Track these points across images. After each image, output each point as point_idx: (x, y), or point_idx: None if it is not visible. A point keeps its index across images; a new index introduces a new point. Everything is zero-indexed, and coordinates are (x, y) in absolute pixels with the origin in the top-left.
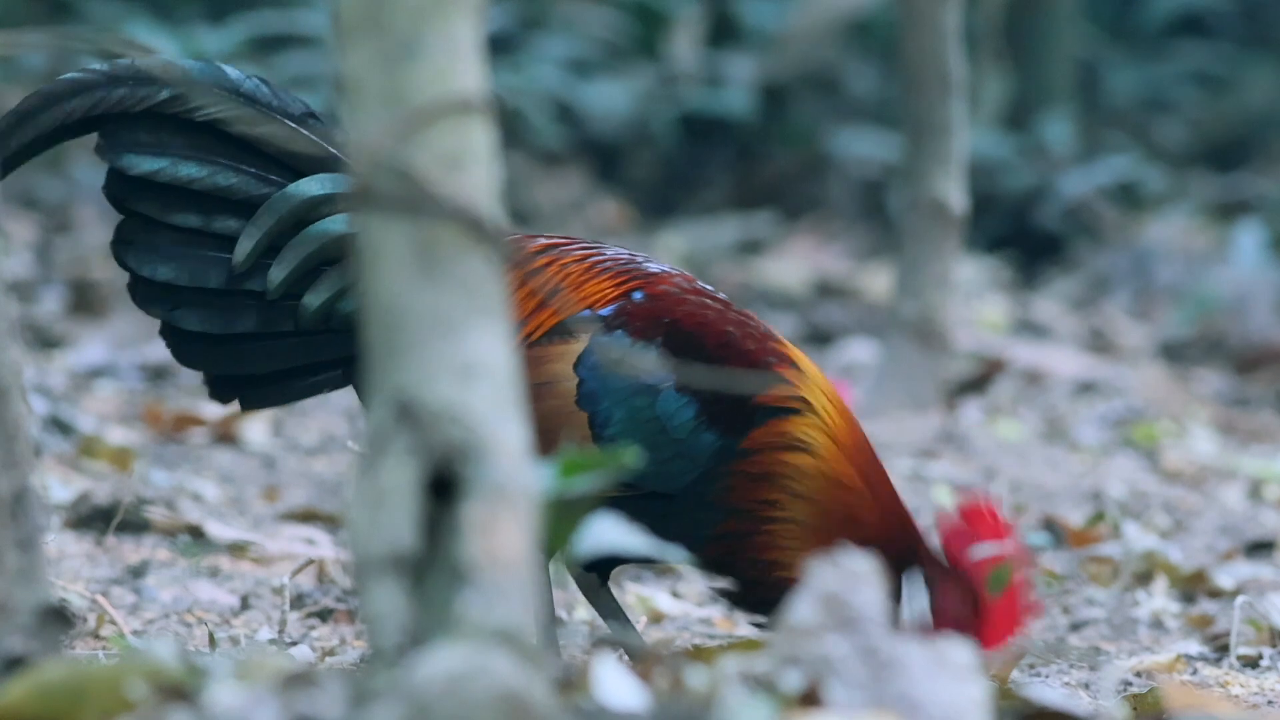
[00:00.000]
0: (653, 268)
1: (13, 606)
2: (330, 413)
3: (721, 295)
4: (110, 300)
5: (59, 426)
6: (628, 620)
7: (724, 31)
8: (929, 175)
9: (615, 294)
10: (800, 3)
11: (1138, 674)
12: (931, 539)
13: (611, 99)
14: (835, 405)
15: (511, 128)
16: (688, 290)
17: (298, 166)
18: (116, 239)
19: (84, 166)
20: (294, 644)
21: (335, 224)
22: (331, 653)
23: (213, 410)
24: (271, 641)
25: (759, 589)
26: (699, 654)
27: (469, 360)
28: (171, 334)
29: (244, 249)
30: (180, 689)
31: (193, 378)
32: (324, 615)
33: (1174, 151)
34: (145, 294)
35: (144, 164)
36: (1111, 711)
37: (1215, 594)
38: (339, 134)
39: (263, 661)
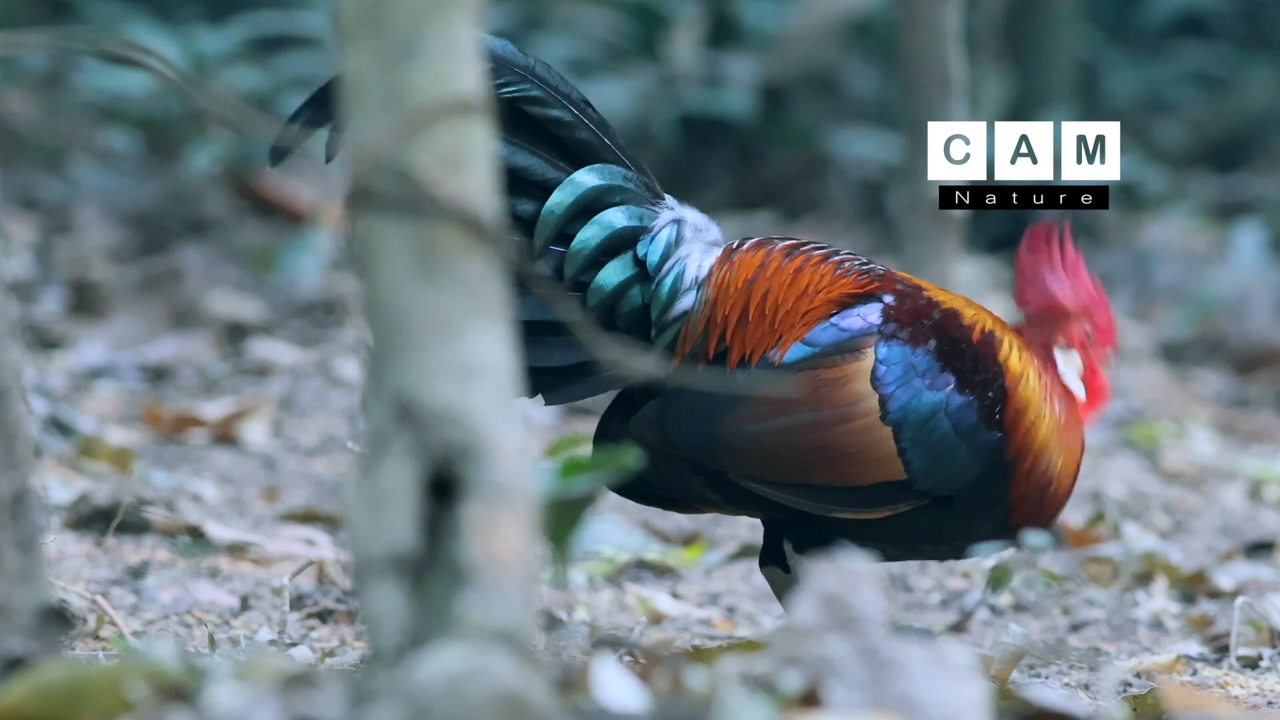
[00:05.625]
0: (877, 267)
1: (13, 607)
2: (330, 413)
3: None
4: (110, 300)
5: (59, 427)
6: None
7: (724, 31)
8: (923, 178)
9: (864, 294)
10: (800, 3)
11: (1138, 674)
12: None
13: (611, 99)
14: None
15: None
16: (919, 289)
17: (580, 153)
18: None
19: (84, 167)
20: (294, 645)
21: (618, 215)
22: (331, 653)
23: (212, 411)
24: (271, 642)
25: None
26: (699, 654)
27: (469, 360)
28: None
29: (541, 235)
30: (180, 690)
31: (192, 378)
32: (324, 616)
33: (1174, 152)
34: None
35: None
36: (1111, 712)
37: (1215, 595)
38: (610, 127)
39: (263, 662)
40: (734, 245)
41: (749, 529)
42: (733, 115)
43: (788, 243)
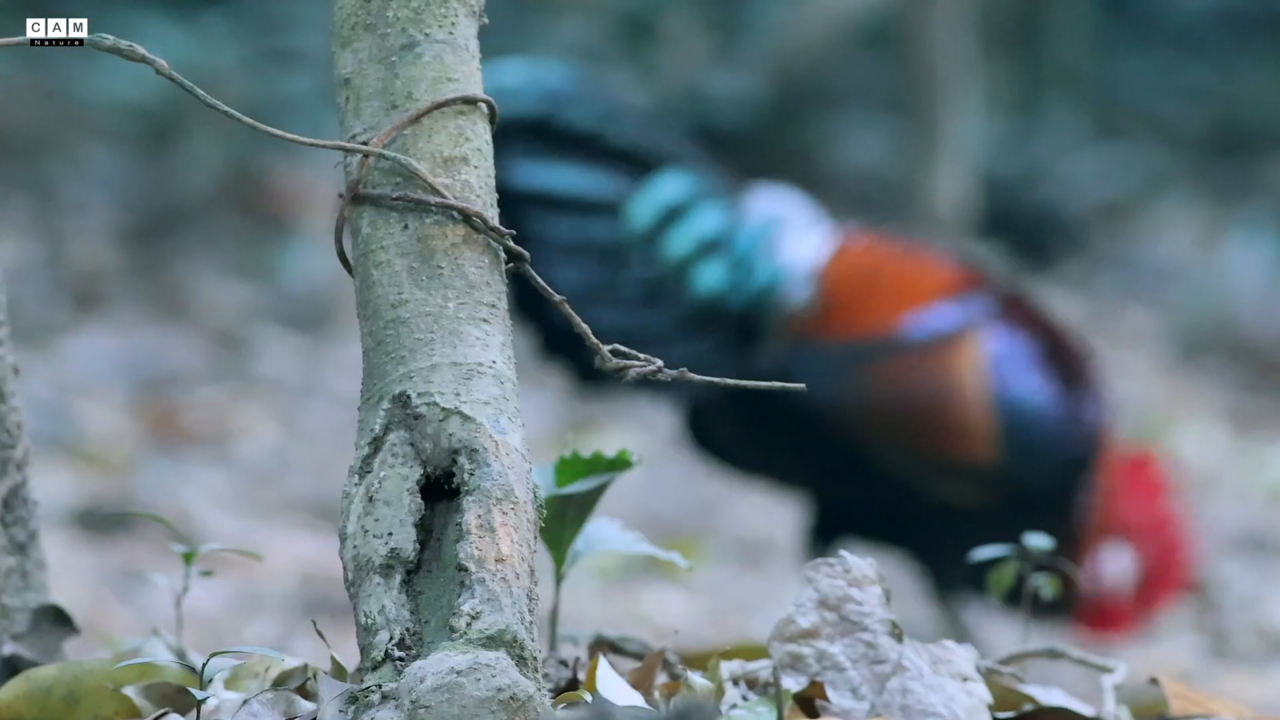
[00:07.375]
0: (987, 266)
1: (10, 608)
2: (330, 413)
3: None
4: (110, 299)
5: (58, 427)
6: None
7: (724, 32)
8: (929, 175)
9: (966, 285)
10: (802, 3)
11: (1138, 675)
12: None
13: None
14: None
15: None
16: (1015, 288)
17: (653, 166)
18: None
19: (84, 167)
20: (293, 645)
21: (703, 219)
22: (331, 654)
23: (212, 411)
24: (270, 643)
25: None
26: (699, 655)
27: (469, 361)
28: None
29: (627, 250)
30: (179, 690)
31: (192, 378)
32: (324, 616)
33: (1175, 149)
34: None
35: (522, 175)
36: (1111, 712)
37: (1215, 595)
38: (679, 135)
39: (262, 662)
40: (839, 233)
41: (749, 529)
42: (733, 115)
43: (894, 234)
